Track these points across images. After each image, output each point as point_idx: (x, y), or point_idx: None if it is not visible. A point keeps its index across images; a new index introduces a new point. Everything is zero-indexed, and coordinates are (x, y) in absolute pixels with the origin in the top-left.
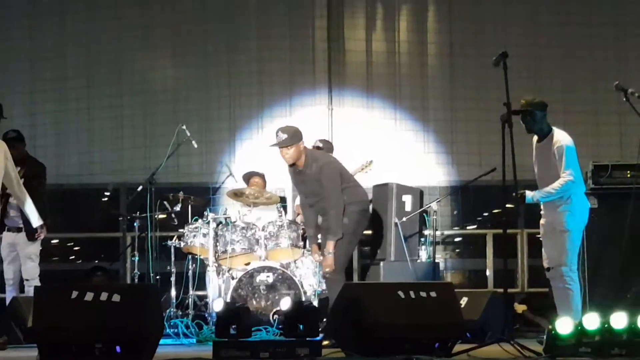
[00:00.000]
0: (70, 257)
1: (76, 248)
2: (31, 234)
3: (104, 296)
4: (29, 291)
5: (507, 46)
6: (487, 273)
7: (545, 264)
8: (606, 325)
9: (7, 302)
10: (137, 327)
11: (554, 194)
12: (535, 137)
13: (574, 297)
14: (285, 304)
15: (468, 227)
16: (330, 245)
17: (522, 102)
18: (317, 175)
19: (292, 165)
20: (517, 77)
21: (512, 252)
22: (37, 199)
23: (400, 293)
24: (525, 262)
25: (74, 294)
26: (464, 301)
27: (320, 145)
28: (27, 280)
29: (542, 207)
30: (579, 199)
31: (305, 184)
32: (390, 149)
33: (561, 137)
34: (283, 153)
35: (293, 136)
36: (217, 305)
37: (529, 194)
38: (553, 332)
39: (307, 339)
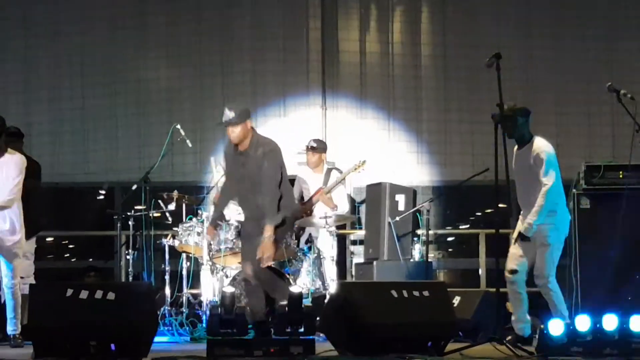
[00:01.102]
0: (65, 255)
1: (71, 246)
2: (27, 233)
3: (98, 294)
4: (24, 289)
5: (500, 47)
6: (480, 272)
7: (513, 266)
8: (598, 326)
9: (2, 300)
10: (132, 325)
11: (544, 210)
12: (516, 145)
13: (560, 296)
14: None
15: (460, 227)
16: (268, 230)
17: (504, 107)
18: (260, 159)
19: (235, 146)
20: (509, 78)
21: (505, 251)
22: (31, 198)
23: (393, 292)
24: None
25: (69, 292)
26: (456, 300)
27: (315, 145)
28: (22, 277)
29: (522, 213)
30: (562, 212)
31: (244, 167)
32: (384, 149)
33: (542, 144)
34: (230, 131)
35: (241, 114)
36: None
37: (526, 229)
38: (545, 331)
39: (301, 337)
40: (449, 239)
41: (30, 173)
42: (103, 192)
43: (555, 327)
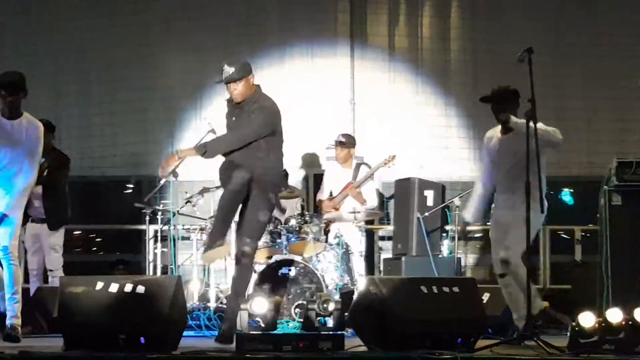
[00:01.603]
0: (93, 249)
1: (98, 240)
2: (52, 223)
3: (128, 287)
4: (53, 282)
5: (529, 42)
6: None
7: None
8: (630, 322)
9: (32, 292)
10: (161, 319)
11: None
12: (498, 130)
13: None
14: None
15: (489, 223)
16: (188, 152)
17: (495, 88)
18: (251, 112)
19: (234, 102)
20: (539, 73)
21: (535, 248)
22: (59, 191)
23: (423, 288)
24: (547, 258)
25: (99, 285)
26: (485, 297)
27: (343, 139)
28: (50, 270)
29: (500, 200)
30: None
31: (236, 117)
32: (413, 144)
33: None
34: (231, 89)
35: (241, 69)
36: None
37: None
38: (576, 328)
39: (330, 332)
40: (478, 235)
41: (59, 166)
42: (131, 185)
43: (587, 323)
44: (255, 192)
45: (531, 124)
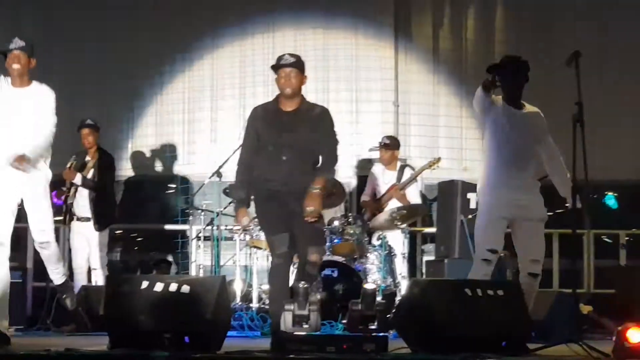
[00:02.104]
0: (135, 248)
1: (139, 239)
2: (100, 223)
3: (173, 287)
4: (97, 280)
5: (576, 45)
6: (553, 273)
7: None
8: None
9: (76, 291)
10: (206, 318)
11: None
12: (509, 102)
13: None
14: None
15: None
16: (320, 182)
17: (509, 56)
18: (316, 122)
19: (276, 108)
20: (585, 75)
21: (578, 252)
22: (106, 191)
23: (468, 290)
24: (591, 262)
25: (145, 284)
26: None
27: (387, 141)
28: (94, 269)
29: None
30: None
31: (292, 130)
32: (457, 146)
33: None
34: (290, 76)
35: (300, 61)
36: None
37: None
38: (622, 334)
39: (374, 334)
40: None
41: (106, 166)
42: (175, 185)
43: (635, 330)
44: None
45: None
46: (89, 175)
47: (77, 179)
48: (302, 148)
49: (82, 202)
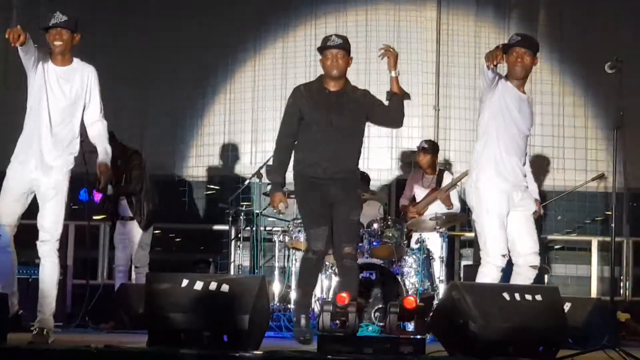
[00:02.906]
0: (173, 248)
1: (177, 240)
2: (144, 224)
3: (213, 286)
4: (138, 278)
5: (619, 52)
6: (591, 280)
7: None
8: None
9: (116, 288)
10: (244, 317)
11: None
12: (514, 84)
13: None
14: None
15: (571, 234)
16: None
17: (516, 37)
18: (362, 100)
19: (321, 87)
20: (627, 84)
21: (617, 260)
22: (142, 190)
23: (506, 295)
24: (630, 270)
25: (185, 282)
26: (567, 307)
27: (426, 145)
28: (136, 267)
29: (519, 179)
30: None
31: (340, 111)
32: None
33: None
34: (338, 57)
35: (347, 43)
36: None
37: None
38: None
39: (412, 336)
40: (558, 245)
41: (134, 167)
42: (215, 186)
43: None
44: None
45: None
46: (122, 181)
47: (109, 191)
48: (349, 129)
49: (123, 202)
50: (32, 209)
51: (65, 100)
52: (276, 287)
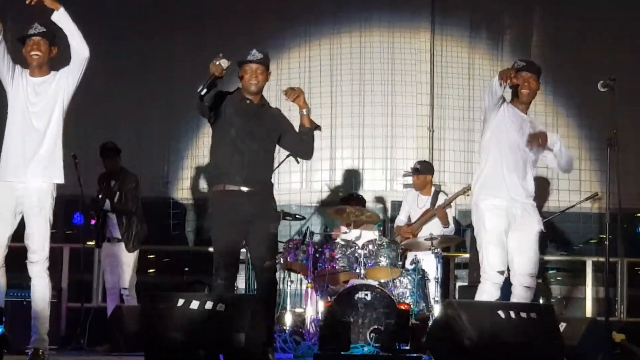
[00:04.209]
0: (162, 270)
1: (165, 260)
2: (128, 244)
3: (209, 305)
4: (128, 300)
5: (612, 72)
6: (586, 301)
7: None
8: None
9: (109, 310)
10: (241, 336)
11: None
12: (517, 107)
13: None
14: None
15: (566, 255)
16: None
17: (522, 62)
18: (279, 117)
19: (241, 97)
20: (620, 103)
21: (612, 280)
22: (133, 211)
23: (501, 313)
24: (625, 291)
25: (180, 301)
26: (562, 326)
27: (418, 167)
28: (124, 289)
29: (519, 198)
30: None
31: (259, 122)
32: None
33: None
34: (257, 72)
35: (267, 59)
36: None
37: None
38: None
39: (408, 355)
40: (552, 265)
41: (131, 187)
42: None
43: None
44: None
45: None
46: (116, 198)
47: (107, 206)
48: (266, 140)
49: (112, 224)
50: (21, 231)
51: (44, 113)
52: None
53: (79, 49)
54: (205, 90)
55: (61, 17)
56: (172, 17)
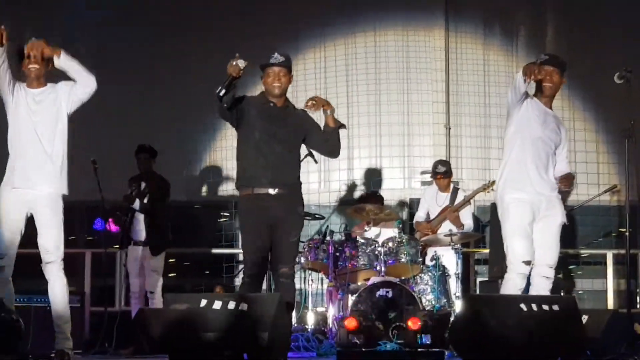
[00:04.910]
0: (187, 274)
1: (186, 263)
2: (156, 248)
3: (231, 305)
4: (153, 303)
5: (628, 64)
6: (608, 293)
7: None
8: None
9: (133, 314)
10: (264, 335)
11: None
12: (541, 101)
13: None
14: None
15: (586, 248)
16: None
17: (545, 56)
18: (304, 117)
19: (264, 99)
20: (637, 95)
21: (633, 272)
22: (160, 216)
23: (523, 306)
24: None
25: (203, 302)
26: (584, 319)
27: (446, 169)
28: (151, 292)
29: (542, 190)
30: None
31: (283, 125)
32: None
33: None
34: (280, 75)
35: (289, 61)
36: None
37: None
38: None
39: (430, 349)
40: (573, 259)
41: (161, 192)
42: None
43: None
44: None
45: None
46: (145, 200)
47: (136, 204)
48: (290, 142)
49: (138, 227)
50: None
51: (46, 122)
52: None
53: (86, 82)
54: (223, 91)
55: (63, 61)
56: (188, 18)
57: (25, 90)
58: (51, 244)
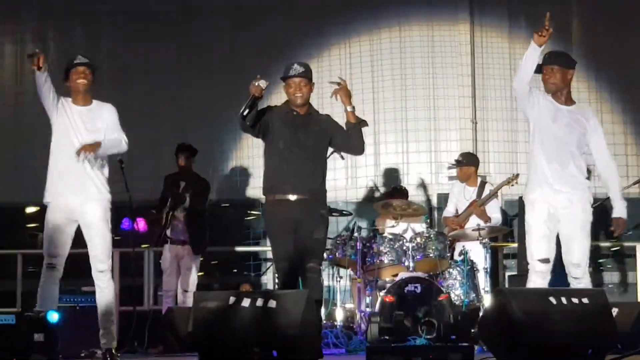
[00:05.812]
0: (216, 272)
1: (213, 262)
2: (198, 247)
3: (259, 302)
4: (187, 302)
5: None
6: (638, 286)
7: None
8: None
9: (163, 312)
10: (293, 331)
11: None
12: (550, 96)
13: None
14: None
15: (613, 240)
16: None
17: (552, 52)
18: (327, 122)
19: (287, 109)
20: None
21: None
22: (202, 215)
23: (552, 299)
24: None
25: (232, 300)
26: (614, 312)
27: (460, 159)
28: (186, 291)
29: (562, 187)
30: None
31: (306, 132)
32: None
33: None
34: (301, 85)
35: (310, 72)
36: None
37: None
38: None
39: (460, 344)
40: (602, 252)
41: (202, 192)
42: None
43: None
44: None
45: None
46: (187, 199)
47: (187, 202)
48: (314, 148)
49: (179, 226)
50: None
51: (90, 137)
52: (322, 305)
53: (120, 151)
54: (247, 111)
55: (102, 152)
56: (210, 20)
57: (69, 105)
58: (104, 253)
